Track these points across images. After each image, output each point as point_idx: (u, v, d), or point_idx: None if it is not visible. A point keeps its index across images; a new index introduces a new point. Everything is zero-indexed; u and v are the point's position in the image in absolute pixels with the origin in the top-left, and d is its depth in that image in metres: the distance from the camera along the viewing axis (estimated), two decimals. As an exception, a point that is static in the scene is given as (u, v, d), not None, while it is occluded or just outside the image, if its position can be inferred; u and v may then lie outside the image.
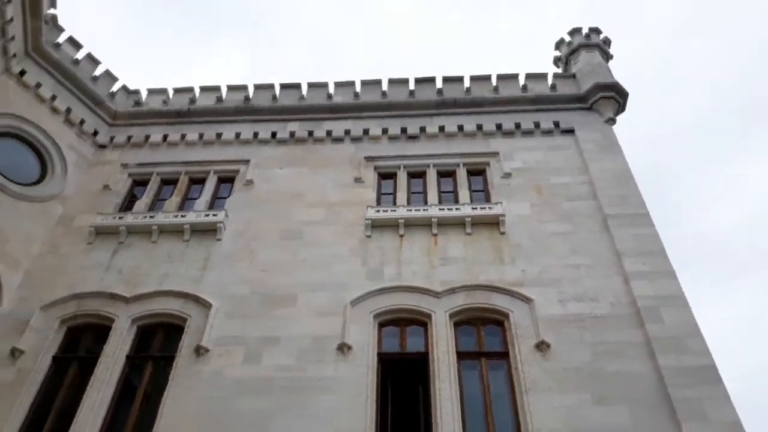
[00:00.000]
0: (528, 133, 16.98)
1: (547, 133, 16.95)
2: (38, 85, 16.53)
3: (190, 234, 14.63)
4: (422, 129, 17.35)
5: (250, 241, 14.48)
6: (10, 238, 13.99)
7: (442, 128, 17.29)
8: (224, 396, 11.27)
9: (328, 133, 17.50)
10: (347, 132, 17.47)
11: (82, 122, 17.26)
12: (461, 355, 11.76)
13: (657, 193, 45.12)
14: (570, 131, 16.84)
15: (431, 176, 16.08)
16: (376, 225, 14.43)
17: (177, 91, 19.08)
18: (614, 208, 14.25)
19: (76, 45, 17.92)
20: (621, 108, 17.54)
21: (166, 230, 14.76)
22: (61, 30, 17.65)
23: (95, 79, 18.12)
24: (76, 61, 17.77)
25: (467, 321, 12.47)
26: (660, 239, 13.45)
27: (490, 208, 14.51)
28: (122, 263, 14.16)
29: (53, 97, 16.78)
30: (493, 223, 14.21)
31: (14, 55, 15.99)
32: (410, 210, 14.67)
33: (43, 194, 15.33)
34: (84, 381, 11.92)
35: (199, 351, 11.96)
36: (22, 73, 16.28)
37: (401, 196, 15.50)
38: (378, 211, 14.73)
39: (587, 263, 13.14)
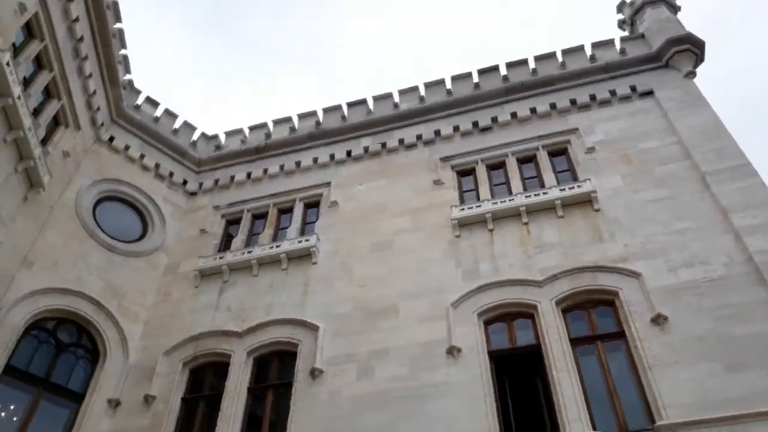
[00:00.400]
0: (605, 103, 16.36)
1: (625, 99, 16.26)
2: (127, 148, 17.68)
3: (287, 262, 15.10)
4: (494, 119, 17.12)
5: (344, 259, 14.77)
6: (126, 293, 14.97)
7: (514, 114, 16.98)
8: (345, 414, 11.50)
9: (401, 141, 17.60)
10: (419, 137, 17.51)
11: (171, 174, 18.27)
12: (575, 342, 11.43)
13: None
14: (649, 93, 16.08)
15: (511, 165, 15.82)
16: (464, 224, 14.34)
17: (252, 129, 19.81)
18: (711, 163, 13.44)
19: (153, 103, 19.04)
20: (700, 59, 16.56)
21: (264, 262, 15.31)
22: (138, 92, 18.82)
23: (176, 131, 19.14)
24: (157, 119, 18.86)
25: (575, 306, 12.10)
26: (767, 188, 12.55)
27: (579, 186, 14.07)
28: (229, 300, 14.80)
29: (142, 156, 17.88)
30: (585, 201, 13.76)
31: (102, 124, 17.20)
32: (496, 203, 14.47)
33: (148, 248, 16.32)
34: (213, 418, 12.52)
35: (314, 373, 12.28)
36: (111, 139, 17.50)
37: (484, 190, 15.33)
38: (463, 209, 14.63)
39: (692, 226, 12.44)
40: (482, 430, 10.48)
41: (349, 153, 17.88)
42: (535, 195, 14.26)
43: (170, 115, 19.30)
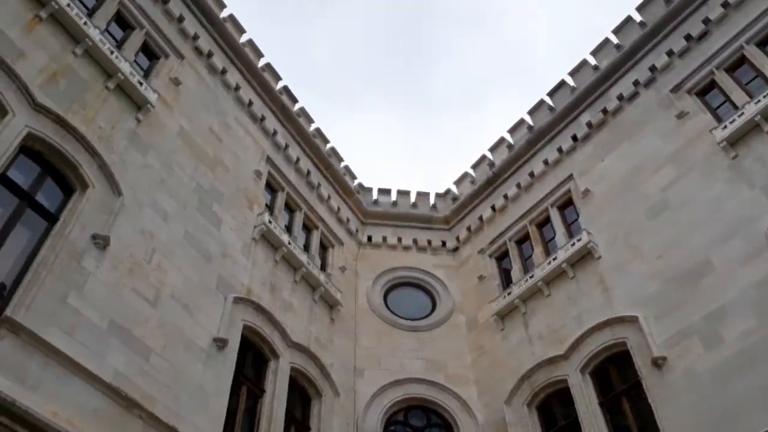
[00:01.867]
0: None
1: None
2: (384, 239, 19.14)
3: (572, 269, 14.61)
4: (706, 21, 15.04)
5: (625, 240, 13.85)
6: (447, 362, 15.76)
7: (725, 4, 14.75)
8: (713, 391, 10.41)
9: (620, 97, 16.33)
10: (636, 83, 16.09)
11: (429, 243, 19.22)
12: None
13: None
14: None
15: (754, 54, 13.68)
16: (734, 140, 12.62)
17: (474, 166, 20.10)
18: None
19: (386, 192, 20.52)
20: None
21: (550, 279, 15.00)
22: (369, 189, 20.48)
23: (415, 205, 20.25)
24: (395, 203, 20.22)
25: None
26: None
27: None
28: (538, 328, 14.66)
29: (399, 240, 19.17)
30: None
31: (356, 231, 18.96)
32: (759, 101, 12.52)
33: (443, 315, 17.11)
34: (580, 446, 12.24)
35: (658, 363, 11.41)
36: (369, 238, 19.13)
37: (737, 95, 13.40)
38: (725, 127, 12.88)
39: None
40: None
41: (575, 137, 17.07)
42: (801, 68, 12.05)
43: (403, 193, 20.54)
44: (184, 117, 13.34)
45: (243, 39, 16.93)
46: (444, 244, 19.35)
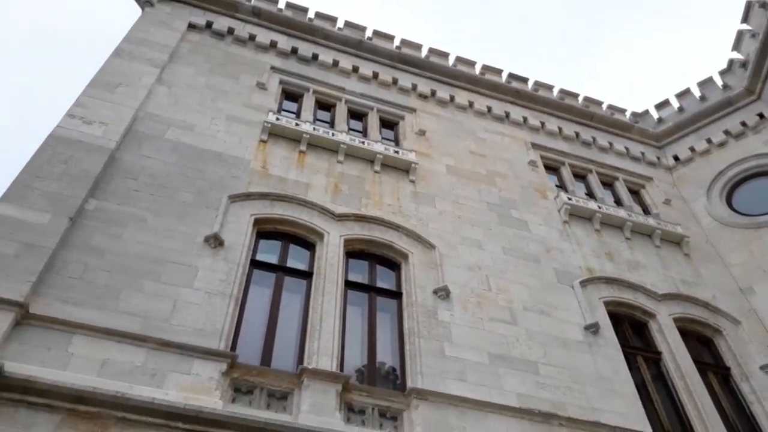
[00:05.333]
0: None
1: None
2: (692, 149, 17.23)
3: None
4: None
5: None
6: None
7: None
8: None
9: None
10: None
11: (744, 124, 16.74)
12: None
13: None
14: None
15: None
16: None
17: (744, 20, 17.11)
18: None
19: (664, 105, 18.61)
20: None
21: None
22: (645, 112, 18.77)
23: (703, 98, 17.92)
24: (681, 109, 18.17)
25: None
26: None
27: None
28: None
29: (708, 140, 17.04)
30: None
31: (658, 158, 17.46)
32: None
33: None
34: None
35: None
36: (676, 157, 17.43)
37: None
38: None
39: None
40: None
41: None
42: None
43: (683, 95, 18.38)
44: (444, 155, 14.04)
45: (451, 61, 17.41)
46: (762, 116, 16.61)
